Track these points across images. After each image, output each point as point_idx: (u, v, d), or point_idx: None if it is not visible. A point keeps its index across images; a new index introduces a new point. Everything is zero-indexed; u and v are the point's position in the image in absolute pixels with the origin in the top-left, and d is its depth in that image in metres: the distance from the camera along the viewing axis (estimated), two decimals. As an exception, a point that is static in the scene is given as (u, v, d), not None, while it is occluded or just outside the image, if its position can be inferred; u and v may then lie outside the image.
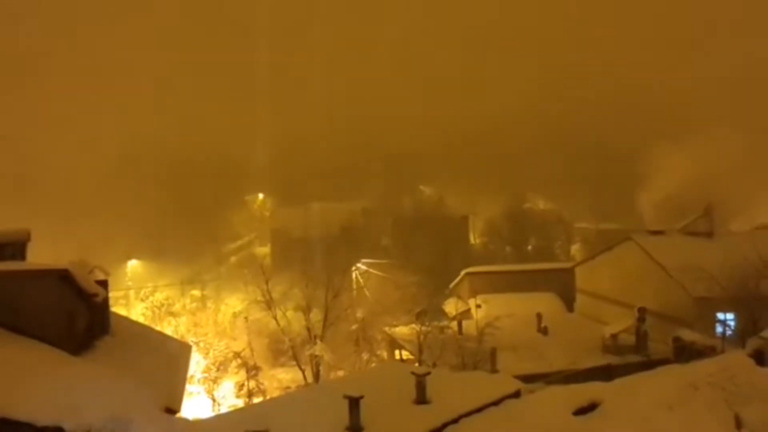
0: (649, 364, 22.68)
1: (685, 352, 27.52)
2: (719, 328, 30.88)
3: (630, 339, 32.84)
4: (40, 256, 18.50)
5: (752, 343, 23.91)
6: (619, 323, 33.65)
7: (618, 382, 14.55)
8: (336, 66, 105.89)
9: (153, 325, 33.33)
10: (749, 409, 11.95)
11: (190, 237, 70.65)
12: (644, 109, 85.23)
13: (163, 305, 44.52)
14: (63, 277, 14.83)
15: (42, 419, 11.77)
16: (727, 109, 73.86)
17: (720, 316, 31.11)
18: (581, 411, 13.10)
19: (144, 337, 20.08)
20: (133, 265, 66.28)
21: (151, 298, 46.50)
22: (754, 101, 76.53)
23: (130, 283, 57.42)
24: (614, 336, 32.78)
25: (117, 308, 30.97)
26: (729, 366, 12.99)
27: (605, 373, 24.58)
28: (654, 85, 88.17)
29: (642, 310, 32.69)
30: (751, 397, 12.19)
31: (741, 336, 28.20)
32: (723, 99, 79.07)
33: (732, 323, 31.03)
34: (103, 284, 17.75)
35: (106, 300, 17.57)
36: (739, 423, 11.81)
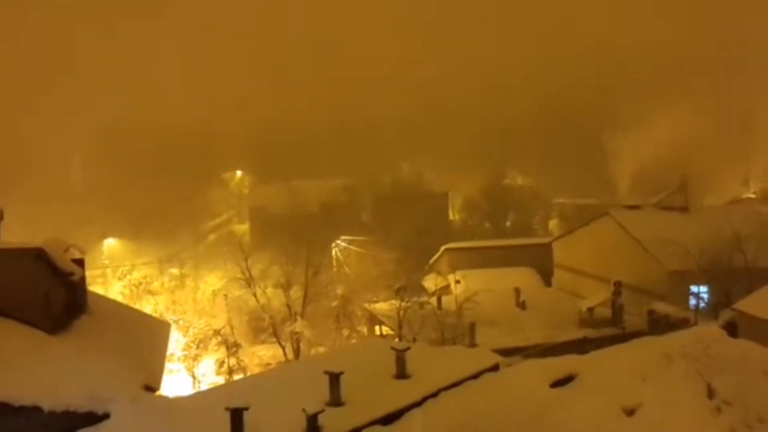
0: (624, 337, 23.08)
1: (659, 325, 28.03)
2: (693, 301, 31.51)
3: (606, 312, 33.37)
4: (14, 235, 18.24)
5: (725, 315, 24.48)
6: (596, 297, 34.14)
7: (594, 355, 14.76)
8: (316, 42, 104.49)
9: (131, 304, 33.12)
10: (721, 379, 12.22)
11: (167, 215, 70.02)
12: (620, 83, 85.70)
13: (141, 284, 44.16)
14: (38, 256, 14.64)
15: (20, 399, 11.71)
16: (702, 84, 74.68)
17: (694, 289, 31.73)
18: (558, 383, 13.31)
19: (122, 315, 19.98)
20: (110, 243, 65.57)
21: (129, 277, 46.08)
22: (726, 77, 77.55)
23: (107, 262, 56.81)
24: (591, 309, 33.28)
25: (94, 287, 30.73)
26: (702, 338, 13.24)
27: (582, 346, 24.96)
28: (631, 58, 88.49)
29: (618, 284, 33.19)
30: (722, 367, 12.45)
31: (714, 308, 28.83)
32: (697, 74, 79.90)
33: (705, 296, 31.67)
34: (80, 263, 17.58)
35: (82, 279, 17.41)
36: (711, 392, 12.08)
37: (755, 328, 20.64)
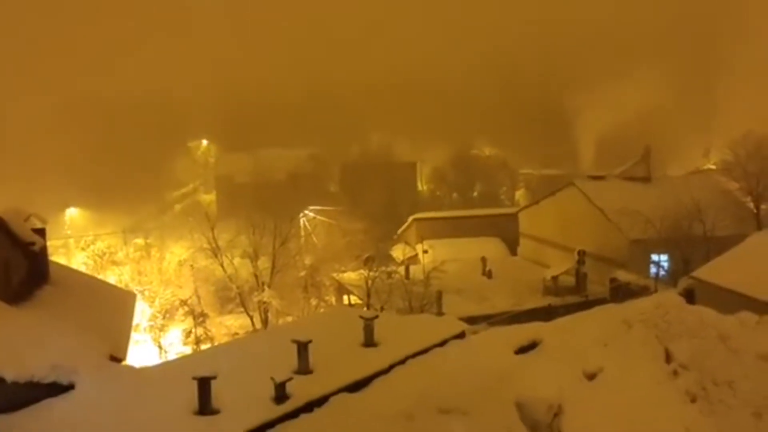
0: (587, 304, 23.59)
1: (620, 292, 28.75)
2: (653, 269, 32.29)
3: (570, 280, 34.04)
4: (-29, 204, 17.74)
5: (683, 283, 25.18)
6: (560, 266, 34.78)
7: (557, 322, 15.07)
8: (283, 11, 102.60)
9: (95, 275, 32.60)
10: (678, 344, 12.60)
11: (131, 184, 68.66)
12: (585, 53, 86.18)
13: (105, 254, 43.44)
14: (-3, 226, 14.30)
15: (-19, 370, 11.50)
16: (664, 56, 75.50)
17: (654, 257, 32.50)
18: (522, 350, 13.59)
19: (86, 286, 19.72)
20: (72, 213, 64.23)
21: (92, 247, 45.29)
22: (688, 49, 78.49)
23: (69, 232, 55.71)
24: (555, 278, 33.90)
25: (56, 258, 30.13)
26: (661, 304, 13.58)
27: (546, 314, 25.45)
28: (595, 29, 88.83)
29: (582, 253, 33.82)
30: (680, 333, 12.82)
31: (673, 276, 29.61)
32: (660, 46, 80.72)
33: (665, 264, 32.49)
34: (41, 233, 17.24)
35: (44, 248, 17.09)
36: (668, 357, 12.46)
37: (712, 295, 21.27)
